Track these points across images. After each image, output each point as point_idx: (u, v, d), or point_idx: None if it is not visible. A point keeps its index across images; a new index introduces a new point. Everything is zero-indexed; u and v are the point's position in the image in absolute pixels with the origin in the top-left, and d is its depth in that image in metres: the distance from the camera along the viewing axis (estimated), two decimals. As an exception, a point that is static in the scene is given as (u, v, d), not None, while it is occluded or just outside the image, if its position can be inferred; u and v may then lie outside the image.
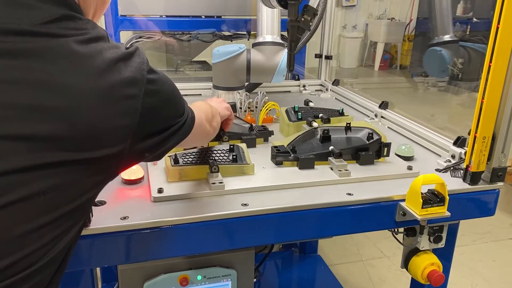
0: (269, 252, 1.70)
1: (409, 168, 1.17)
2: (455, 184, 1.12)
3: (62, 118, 0.63)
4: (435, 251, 1.16)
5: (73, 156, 0.64)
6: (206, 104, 1.05)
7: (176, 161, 1.08)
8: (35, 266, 0.63)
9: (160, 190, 1.00)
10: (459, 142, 1.24)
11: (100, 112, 0.66)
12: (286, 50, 1.53)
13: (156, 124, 0.76)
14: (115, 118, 0.67)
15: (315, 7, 1.73)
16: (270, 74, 1.57)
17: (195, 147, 1.20)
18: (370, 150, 1.21)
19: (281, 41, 1.57)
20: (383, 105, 1.63)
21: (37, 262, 0.63)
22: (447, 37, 2.23)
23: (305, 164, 1.16)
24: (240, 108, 1.51)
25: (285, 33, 2.05)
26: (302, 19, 1.24)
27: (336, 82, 2.04)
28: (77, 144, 0.64)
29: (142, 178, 1.09)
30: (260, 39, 1.54)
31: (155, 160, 0.82)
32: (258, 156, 1.22)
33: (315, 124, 1.36)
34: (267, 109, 1.52)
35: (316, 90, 2.13)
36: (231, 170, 1.10)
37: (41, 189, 0.62)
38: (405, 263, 1.17)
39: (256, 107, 1.51)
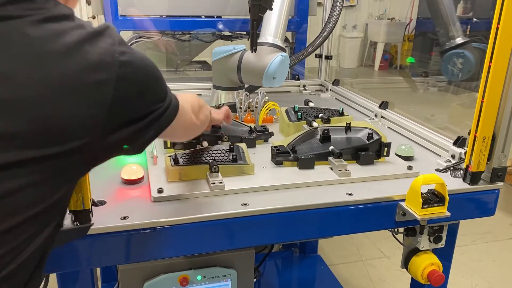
0: (269, 252, 1.70)
1: (409, 168, 1.17)
2: (455, 184, 1.12)
3: (18, 112, 0.56)
4: (435, 251, 1.16)
5: (35, 153, 0.58)
6: (193, 95, 0.97)
7: (176, 161, 1.08)
8: (3, 272, 0.58)
9: (160, 190, 1.00)
10: (459, 142, 1.24)
11: (62, 102, 0.58)
12: (280, 53, 1.50)
13: (132, 111, 0.67)
14: (81, 107, 0.60)
15: (330, 10, 1.73)
16: (260, 76, 1.47)
17: (194, 147, 1.19)
18: (370, 150, 1.21)
19: (280, 44, 1.54)
20: (383, 105, 1.63)
21: (4, 268, 0.59)
22: (459, 40, 2.22)
23: (305, 164, 1.16)
24: (240, 108, 1.51)
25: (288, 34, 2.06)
26: None
27: (336, 82, 2.04)
28: (38, 139, 0.58)
29: (142, 178, 1.09)
30: (261, 40, 1.53)
31: (135, 153, 0.73)
32: (258, 156, 1.22)
33: (315, 124, 1.35)
34: (267, 109, 1.52)
35: (316, 90, 2.13)
36: (231, 170, 1.10)
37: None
38: (405, 263, 1.17)
39: (256, 107, 1.51)
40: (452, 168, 1.19)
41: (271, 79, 1.47)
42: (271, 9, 1.37)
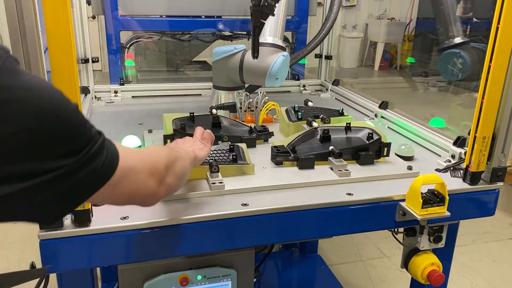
0: (269, 252, 1.70)
1: (409, 168, 1.17)
2: (455, 184, 1.12)
3: None
4: (435, 251, 1.16)
5: None
6: (164, 149, 0.80)
7: (176, 161, 1.08)
8: None
9: (160, 190, 0.99)
10: (459, 142, 1.24)
11: None
12: (282, 53, 1.50)
13: (16, 162, 0.48)
14: None
15: (328, 10, 1.73)
16: (262, 76, 1.48)
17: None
18: (370, 150, 1.21)
19: (281, 44, 1.54)
20: (383, 105, 1.63)
21: None
22: (458, 39, 2.23)
23: (305, 164, 1.16)
24: (240, 108, 1.51)
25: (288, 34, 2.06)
26: (266, 3, 1.23)
27: (336, 82, 2.05)
28: None
29: (142, 178, 1.08)
30: (261, 40, 1.53)
31: (44, 223, 0.56)
32: (258, 156, 1.22)
33: (315, 124, 1.35)
34: (267, 109, 1.52)
35: (316, 90, 2.13)
36: (231, 170, 1.10)
37: None
38: (405, 263, 1.17)
39: (256, 107, 1.51)
40: (452, 168, 1.19)
41: (274, 79, 1.48)
42: (273, 14, 1.36)
